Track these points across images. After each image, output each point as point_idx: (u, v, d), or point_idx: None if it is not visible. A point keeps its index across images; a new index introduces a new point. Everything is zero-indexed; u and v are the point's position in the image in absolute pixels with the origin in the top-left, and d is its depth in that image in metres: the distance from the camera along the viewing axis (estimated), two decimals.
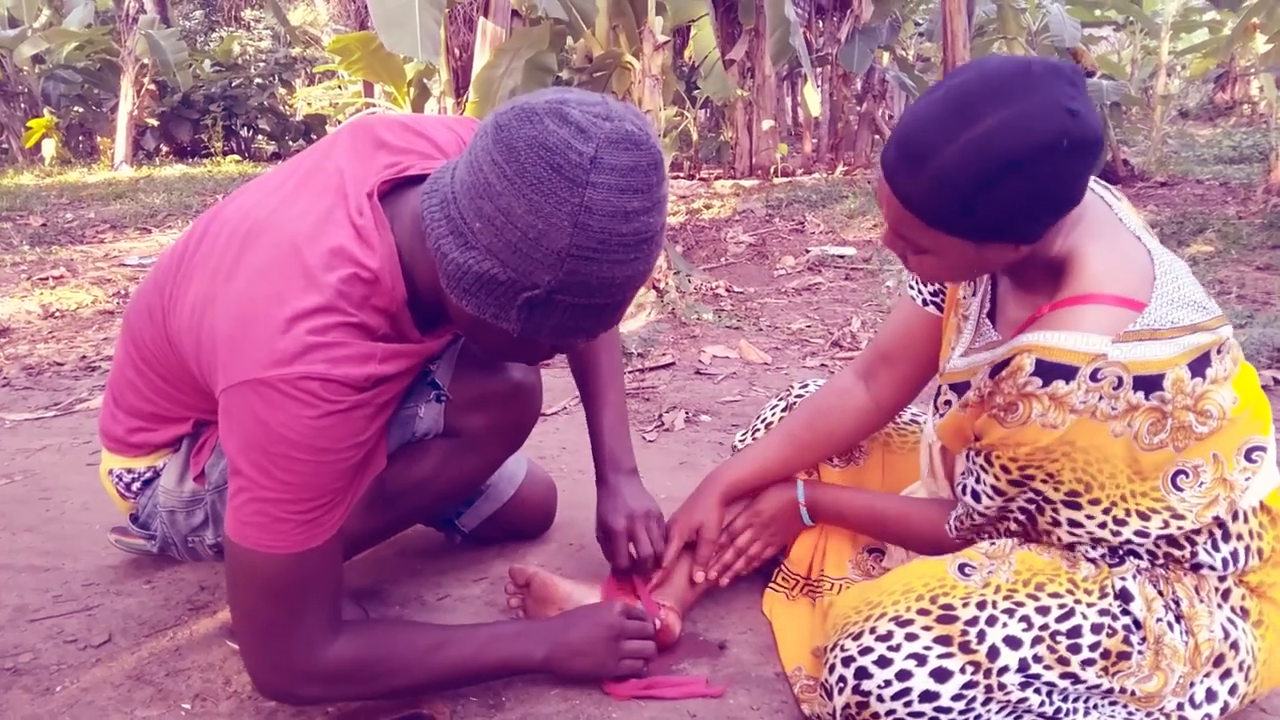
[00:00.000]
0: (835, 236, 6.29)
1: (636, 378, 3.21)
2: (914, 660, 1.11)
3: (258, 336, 1.04)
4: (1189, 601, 1.14)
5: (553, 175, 0.95)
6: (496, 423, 1.34)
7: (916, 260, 1.15)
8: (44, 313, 4.38)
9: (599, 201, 0.96)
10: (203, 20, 17.87)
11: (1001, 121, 0.98)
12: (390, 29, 4.19)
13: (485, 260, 1.00)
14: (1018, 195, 1.00)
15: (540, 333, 1.06)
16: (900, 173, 1.06)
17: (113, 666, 1.46)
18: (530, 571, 1.50)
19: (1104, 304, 1.07)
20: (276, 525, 1.08)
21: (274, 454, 1.04)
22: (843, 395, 1.54)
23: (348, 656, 1.19)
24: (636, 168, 0.98)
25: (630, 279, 1.03)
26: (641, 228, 1.00)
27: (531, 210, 0.96)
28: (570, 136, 0.96)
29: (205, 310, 1.12)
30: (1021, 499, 1.17)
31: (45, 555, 1.86)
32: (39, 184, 9.96)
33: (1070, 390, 1.05)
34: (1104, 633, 1.12)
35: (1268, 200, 6.73)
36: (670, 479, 2.26)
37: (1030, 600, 1.15)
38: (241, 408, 1.04)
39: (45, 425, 2.77)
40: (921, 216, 1.06)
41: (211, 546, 1.42)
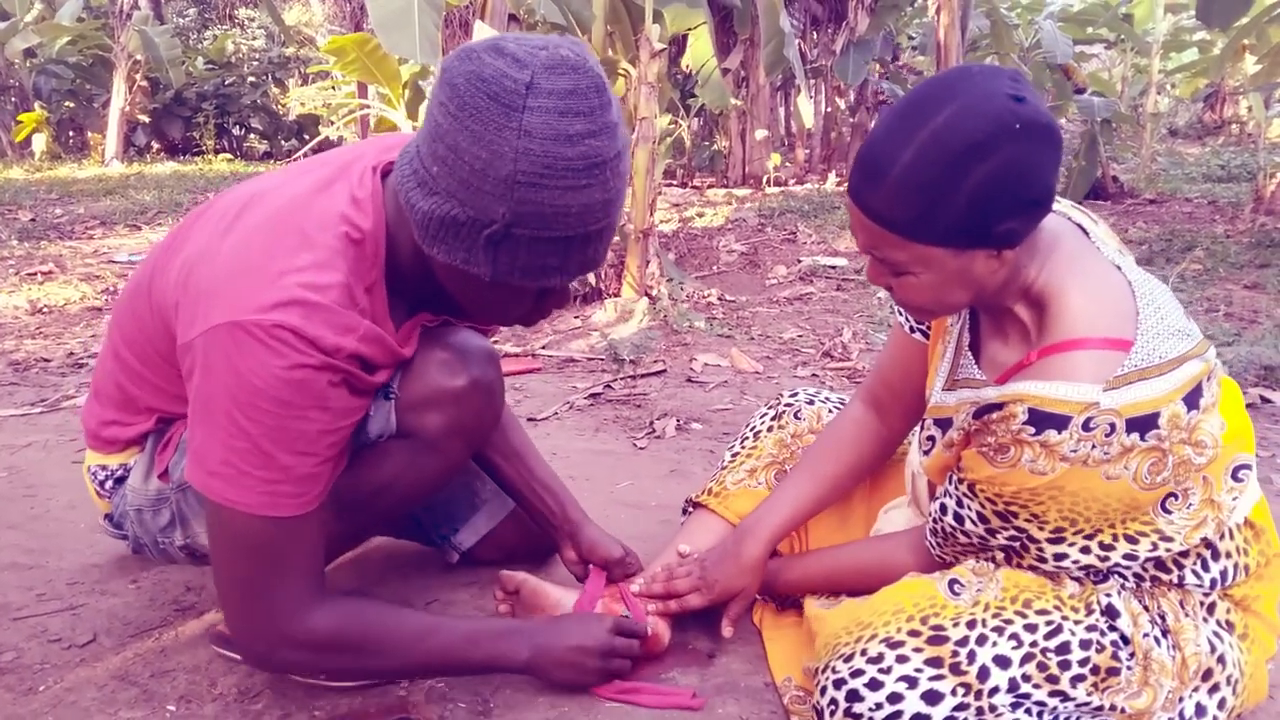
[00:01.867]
0: (827, 247, 6.31)
1: (628, 385, 3.21)
2: (905, 683, 1.12)
3: (244, 285, 1.07)
4: (1175, 616, 1.15)
5: (490, 104, 0.98)
6: (453, 421, 1.29)
7: (901, 286, 1.13)
8: (31, 308, 4.36)
9: (538, 125, 0.98)
10: (196, 18, 17.82)
11: (951, 114, 0.99)
12: (389, 31, 4.18)
13: (446, 203, 1.04)
14: (982, 185, 0.99)
15: (512, 274, 1.08)
16: (864, 189, 1.05)
17: (97, 667, 1.45)
18: (520, 578, 1.48)
19: (1092, 349, 1.07)
20: (241, 480, 1.08)
21: (240, 400, 1.05)
22: (860, 426, 1.52)
23: (331, 627, 1.19)
24: (575, 90, 1.00)
25: (587, 207, 1.03)
26: (588, 151, 1.01)
27: (475, 141, 0.99)
28: (506, 66, 0.99)
29: (196, 263, 1.14)
30: (1003, 536, 1.17)
31: (29, 553, 1.84)
32: (28, 179, 9.90)
33: (1062, 440, 1.05)
34: (1093, 649, 1.13)
35: (1255, 219, 6.78)
36: (661, 487, 2.25)
37: (1018, 617, 1.15)
38: (214, 350, 1.06)
39: (31, 422, 2.75)
40: (894, 228, 1.05)
41: (181, 548, 1.40)
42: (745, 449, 1.66)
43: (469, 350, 1.30)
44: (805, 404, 1.66)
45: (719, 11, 8.00)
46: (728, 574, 1.44)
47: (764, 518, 1.47)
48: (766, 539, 1.45)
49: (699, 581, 1.45)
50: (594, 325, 4.05)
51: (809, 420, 1.64)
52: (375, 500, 1.32)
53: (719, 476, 1.65)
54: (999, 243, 1.05)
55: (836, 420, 1.55)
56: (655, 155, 4.41)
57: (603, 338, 3.79)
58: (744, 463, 1.64)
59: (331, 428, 1.12)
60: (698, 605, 1.45)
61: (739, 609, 1.47)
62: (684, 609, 1.46)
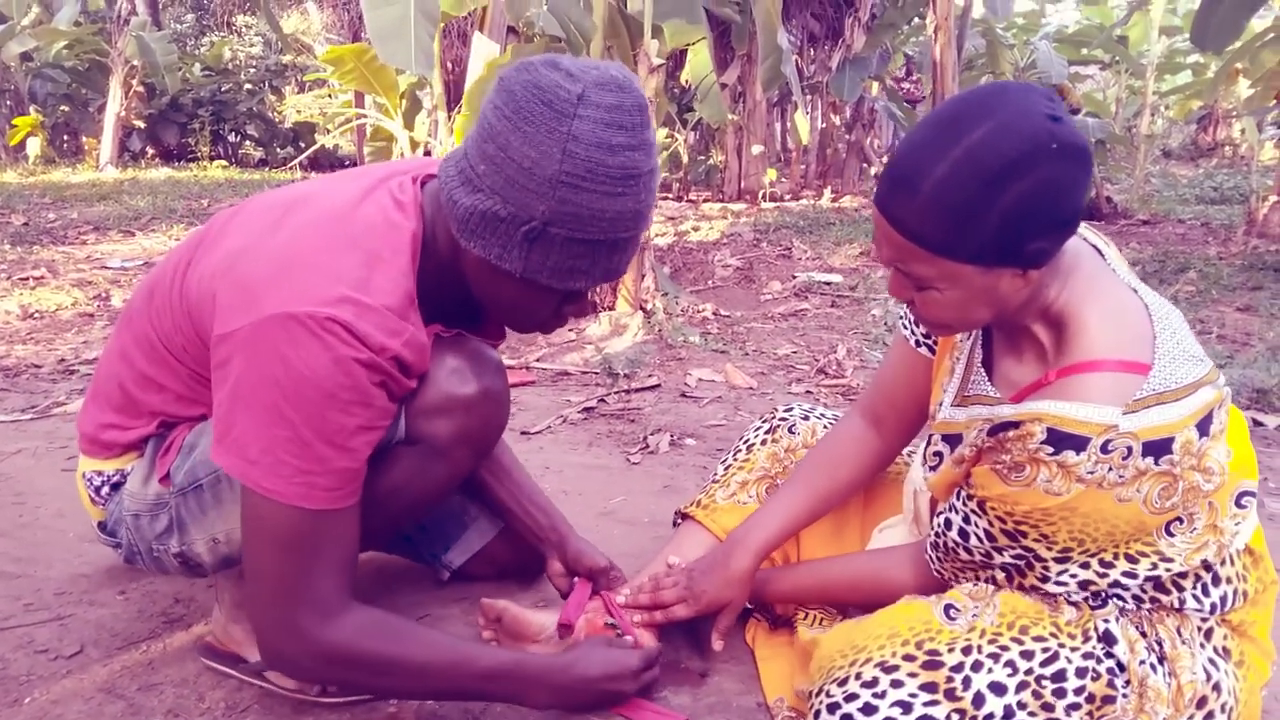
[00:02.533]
0: (822, 263, 6.32)
1: (622, 399, 3.20)
2: (899, 708, 1.10)
3: (297, 279, 1.10)
4: (1171, 643, 1.15)
5: (543, 109, 1.07)
6: (462, 429, 1.30)
7: (923, 301, 1.11)
8: (23, 313, 4.34)
9: (585, 132, 1.07)
10: (194, 24, 17.85)
11: (988, 132, 0.98)
12: (385, 41, 4.19)
13: (488, 199, 1.11)
14: (1016, 204, 0.99)
15: (541, 272, 1.15)
16: (895, 202, 1.04)
17: (84, 679, 1.43)
18: (500, 606, 1.46)
19: (1112, 371, 1.06)
20: (279, 468, 1.09)
21: (286, 389, 1.07)
22: (858, 442, 1.50)
23: (357, 641, 1.17)
24: (621, 106, 1.09)
25: (620, 215, 1.12)
26: (627, 162, 1.10)
27: (526, 142, 1.08)
28: (560, 79, 1.09)
29: (239, 258, 1.17)
30: (1010, 554, 1.16)
31: (17, 562, 1.83)
32: (22, 182, 9.88)
33: (1079, 461, 1.04)
34: (1088, 676, 1.12)
35: (1248, 242, 6.82)
36: (654, 502, 2.24)
37: (1015, 644, 1.14)
38: (263, 339, 1.08)
39: (21, 428, 2.73)
40: (923, 243, 1.03)
41: (176, 555, 1.38)
42: (738, 461, 1.65)
43: (480, 360, 1.32)
44: (800, 419, 1.65)
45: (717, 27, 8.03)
46: (715, 585, 1.43)
47: (754, 529, 1.45)
48: (756, 550, 1.43)
49: (685, 592, 1.44)
50: (588, 339, 4.05)
51: (803, 435, 1.63)
52: (382, 506, 1.31)
53: (709, 489, 1.64)
54: (1027, 262, 1.04)
55: (832, 434, 1.53)
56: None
57: (597, 351, 3.79)
58: (735, 475, 1.63)
59: (369, 425, 1.14)
60: (684, 616, 1.44)
61: (728, 621, 1.45)
62: (670, 619, 1.45)
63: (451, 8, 4.95)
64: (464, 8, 5.01)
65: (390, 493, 1.31)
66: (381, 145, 8.27)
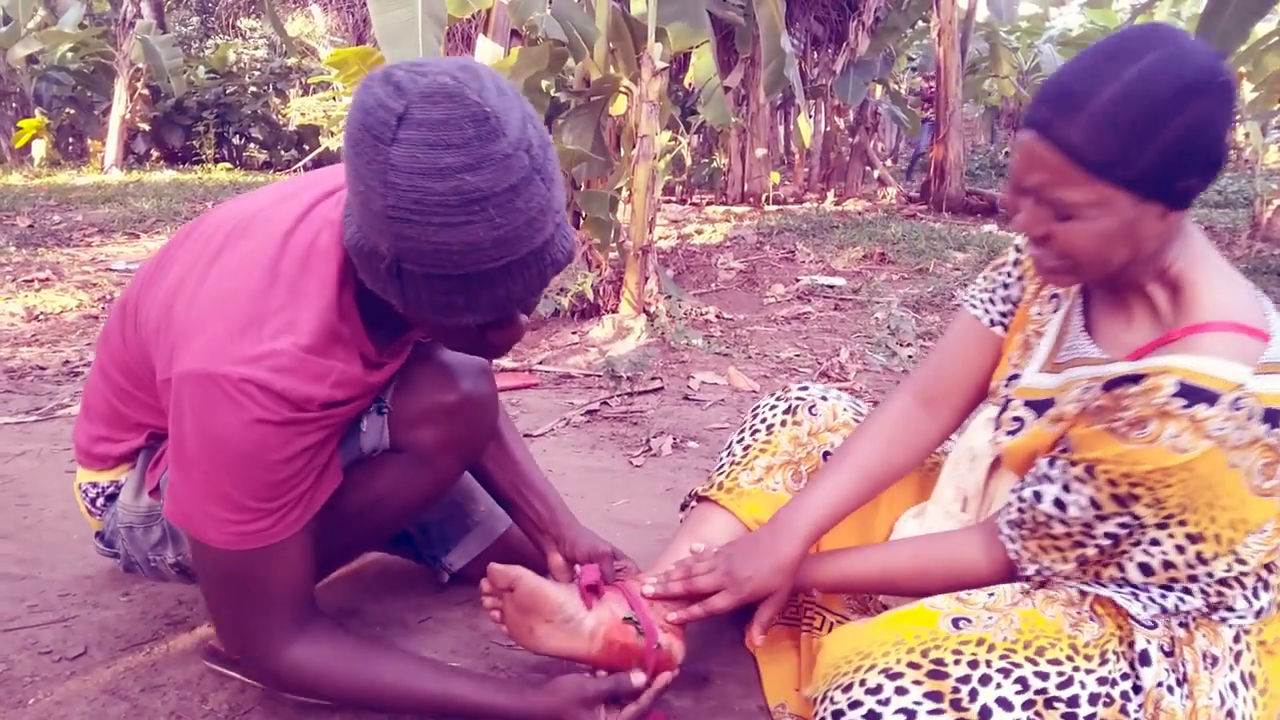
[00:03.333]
0: (825, 266, 6.32)
1: (624, 402, 3.20)
2: (904, 715, 1.08)
3: (215, 330, 1.06)
4: (1195, 665, 1.12)
5: (365, 136, 0.94)
6: (446, 436, 1.29)
7: (1064, 232, 1.07)
8: (28, 315, 4.35)
9: (403, 159, 0.93)
10: (198, 27, 17.88)
11: (1161, 57, 0.99)
12: (392, 44, 4.19)
13: (357, 232, 1.02)
14: (1181, 132, 0.98)
15: (421, 309, 1.03)
16: (1059, 120, 1.02)
17: (88, 680, 1.44)
18: (515, 573, 1.30)
19: (1238, 333, 1.05)
20: (210, 519, 1.11)
21: (205, 450, 1.07)
22: (911, 426, 1.42)
23: (310, 664, 1.22)
24: (449, 121, 0.93)
25: (471, 245, 0.96)
26: (462, 186, 0.93)
27: (356, 175, 0.97)
28: (385, 96, 0.94)
29: (176, 295, 1.14)
30: (1114, 523, 1.12)
31: (21, 563, 1.83)
32: (27, 185, 9.90)
33: (1210, 416, 1.01)
34: (1100, 703, 1.09)
35: (1252, 246, 6.81)
36: (657, 505, 2.25)
37: (1029, 664, 1.11)
38: (182, 397, 1.06)
39: (26, 430, 2.74)
40: (1084, 162, 1.01)
41: (173, 565, 1.40)
42: (758, 443, 1.54)
43: (462, 365, 1.30)
44: (820, 399, 1.56)
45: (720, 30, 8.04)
46: (762, 571, 1.29)
47: (803, 512, 1.33)
48: (805, 536, 1.31)
49: (725, 578, 1.30)
50: (591, 341, 4.05)
51: (825, 417, 1.54)
52: (368, 515, 1.31)
53: (730, 471, 1.52)
54: (1174, 200, 1.03)
55: (882, 414, 1.43)
56: (655, 172, 4.42)
57: (600, 354, 3.79)
58: (758, 458, 1.52)
59: (298, 472, 1.12)
60: (724, 606, 1.31)
61: (771, 612, 1.32)
62: (709, 611, 1.32)
63: (456, 11, 4.95)
64: (468, 10, 5.02)
65: (375, 502, 1.31)
66: None
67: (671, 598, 1.34)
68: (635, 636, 1.30)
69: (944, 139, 10.23)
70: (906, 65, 14.28)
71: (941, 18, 10.02)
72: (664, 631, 1.33)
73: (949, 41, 10.07)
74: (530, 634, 1.32)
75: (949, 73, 10.14)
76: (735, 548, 1.35)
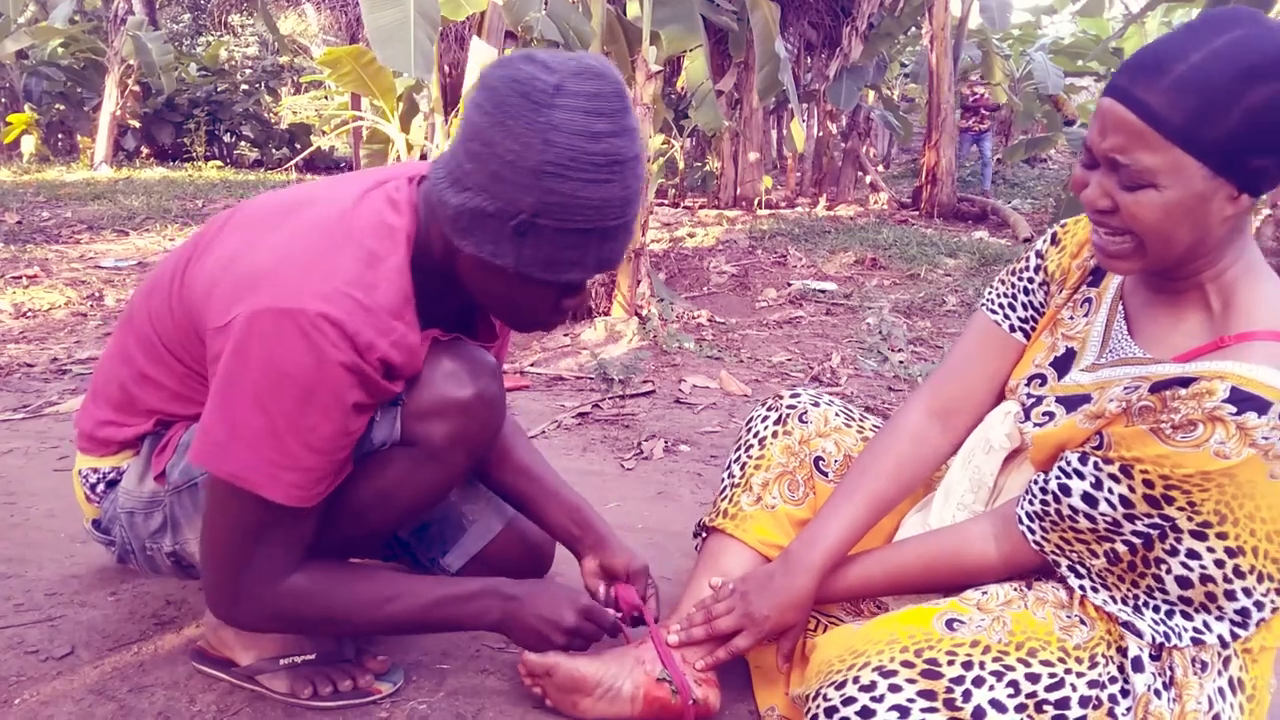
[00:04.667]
0: (817, 271, 6.34)
1: (616, 405, 3.20)
2: (897, 712, 1.09)
3: (292, 275, 1.12)
4: (1183, 670, 1.13)
5: (522, 102, 1.08)
6: (458, 432, 1.29)
7: (1133, 202, 1.06)
8: (15, 312, 4.32)
9: (564, 120, 1.08)
10: (190, 24, 17.84)
11: (1250, 29, 1.00)
12: (385, 44, 4.19)
13: (476, 196, 1.12)
14: (1261, 105, 0.98)
15: (534, 265, 1.15)
16: (1139, 83, 1.02)
17: (74, 680, 1.42)
18: (550, 662, 1.35)
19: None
20: (249, 457, 1.12)
21: (268, 382, 1.09)
22: (921, 442, 1.41)
23: (299, 594, 1.24)
24: (599, 94, 1.10)
25: (606, 201, 1.12)
26: (609, 149, 1.10)
27: (508, 135, 1.09)
28: (537, 70, 1.10)
29: (239, 255, 1.19)
30: (1144, 523, 1.10)
31: (8, 562, 1.82)
32: (16, 181, 9.85)
33: (1259, 424, 1.01)
34: (1090, 706, 1.10)
35: None
36: (648, 508, 2.24)
37: (1021, 665, 1.12)
38: (253, 332, 1.10)
39: (13, 428, 2.72)
40: (1160, 126, 1.01)
41: (169, 554, 1.38)
42: (753, 459, 1.54)
43: (475, 363, 1.31)
44: (810, 406, 1.56)
45: (714, 34, 8.05)
46: (777, 608, 1.32)
47: (815, 545, 1.33)
48: (818, 569, 1.32)
49: (744, 619, 1.33)
50: (583, 344, 4.05)
51: (816, 424, 1.54)
52: (374, 509, 1.31)
53: (731, 495, 1.53)
54: (1246, 182, 1.03)
55: (892, 433, 1.42)
56: (648, 175, 4.43)
57: (592, 357, 3.78)
58: (754, 475, 1.52)
59: (344, 430, 1.16)
60: (746, 647, 1.34)
61: (791, 644, 1.36)
62: (733, 653, 1.35)
63: (450, 13, 4.95)
64: (463, 13, 5.01)
65: (384, 495, 1.31)
66: (378, 148, 8.26)
67: (696, 643, 1.38)
68: (672, 695, 1.34)
69: (935, 145, 10.27)
70: (899, 71, 14.34)
71: (934, 24, 10.07)
72: (698, 684, 1.36)
73: (941, 48, 10.12)
74: (575, 707, 1.37)
75: (941, 79, 10.19)
76: (750, 584, 1.36)
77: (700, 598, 1.44)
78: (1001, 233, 8.78)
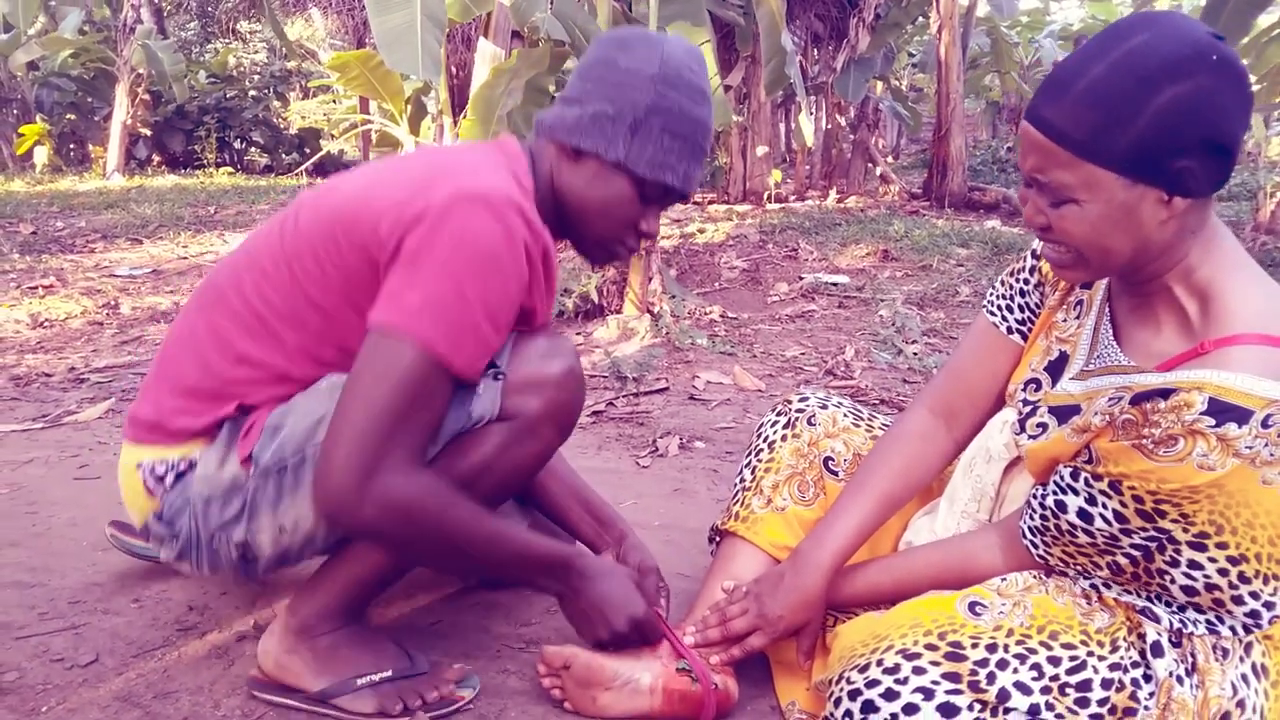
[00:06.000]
0: (828, 264, 6.32)
1: (630, 402, 3.20)
2: (921, 694, 1.09)
3: (464, 172, 1.27)
4: (1205, 656, 1.13)
5: (639, 37, 1.36)
6: (551, 405, 1.35)
7: (1060, 219, 1.07)
8: (33, 322, 4.35)
9: (673, 53, 1.34)
10: (198, 31, 17.91)
11: (1150, 36, 0.99)
12: (392, 47, 4.20)
13: (597, 104, 1.33)
14: (1167, 108, 0.97)
15: (639, 162, 1.33)
16: (1045, 102, 1.04)
17: (100, 687, 1.44)
18: (568, 654, 1.37)
19: (1271, 346, 1.03)
20: (436, 320, 1.21)
21: (463, 254, 1.21)
22: (927, 442, 1.43)
23: (424, 497, 1.24)
24: (692, 51, 1.37)
25: (701, 120, 1.36)
26: (703, 84, 1.36)
27: (628, 56, 1.34)
28: (645, 31, 1.39)
29: (387, 177, 1.31)
30: (1141, 536, 1.10)
31: (31, 571, 1.84)
32: (30, 191, 9.92)
33: (1241, 434, 1.00)
34: (1113, 688, 1.10)
35: (1256, 238, 6.80)
36: (664, 505, 2.25)
37: (1043, 648, 1.12)
38: (448, 212, 1.22)
39: (33, 438, 2.74)
40: (1066, 143, 1.02)
41: (237, 545, 1.34)
42: (762, 463, 1.57)
43: (562, 342, 1.42)
44: (819, 408, 1.58)
45: (721, 29, 8.03)
46: (790, 608, 1.34)
47: (824, 544, 1.36)
48: (829, 568, 1.34)
49: (758, 619, 1.36)
50: (596, 342, 4.05)
51: (824, 425, 1.56)
52: (475, 481, 1.33)
53: (743, 498, 1.55)
54: (1173, 184, 1.01)
55: (898, 433, 1.45)
56: None
57: (605, 355, 3.79)
58: (764, 478, 1.55)
59: (514, 303, 1.28)
60: (760, 646, 1.37)
61: (810, 640, 1.38)
62: (746, 652, 1.37)
63: (458, 16, 4.96)
64: (469, 14, 5.02)
65: (485, 468, 1.34)
66: (387, 151, 8.29)
67: (712, 644, 1.40)
68: (692, 684, 1.35)
69: (945, 134, 10.22)
70: (907, 61, 14.27)
71: (942, 13, 10.01)
72: (716, 672, 1.38)
73: (950, 37, 10.06)
74: (594, 703, 1.37)
75: (950, 68, 10.13)
76: (763, 585, 1.39)
77: (713, 601, 1.46)
78: (1014, 221, 8.73)
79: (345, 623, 1.40)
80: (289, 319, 1.32)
